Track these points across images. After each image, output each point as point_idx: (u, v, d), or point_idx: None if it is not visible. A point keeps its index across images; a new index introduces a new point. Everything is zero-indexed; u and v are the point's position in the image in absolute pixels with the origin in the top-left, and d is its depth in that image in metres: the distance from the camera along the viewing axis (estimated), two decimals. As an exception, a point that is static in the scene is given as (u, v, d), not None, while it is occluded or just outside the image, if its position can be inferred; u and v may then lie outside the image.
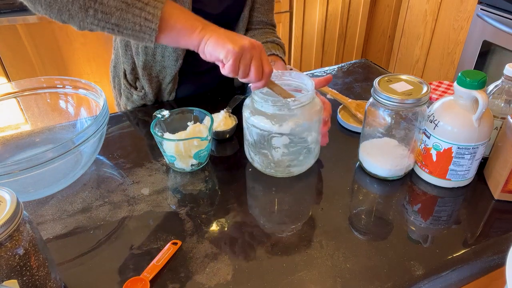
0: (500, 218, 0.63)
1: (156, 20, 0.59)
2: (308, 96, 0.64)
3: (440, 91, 0.89)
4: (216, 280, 0.54)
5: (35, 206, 0.67)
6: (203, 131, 0.73)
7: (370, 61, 1.14)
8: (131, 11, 0.58)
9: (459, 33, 1.96)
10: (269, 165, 0.70)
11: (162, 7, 0.59)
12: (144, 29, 0.60)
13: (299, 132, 0.66)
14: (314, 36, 2.32)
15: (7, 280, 0.42)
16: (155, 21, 0.59)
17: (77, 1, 0.57)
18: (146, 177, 0.72)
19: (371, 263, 0.55)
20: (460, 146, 0.62)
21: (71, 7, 0.57)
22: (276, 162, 0.69)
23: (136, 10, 0.58)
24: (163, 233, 0.61)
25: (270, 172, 0.71)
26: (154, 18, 0.59)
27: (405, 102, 0.62)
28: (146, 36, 0.61)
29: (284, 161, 0.68)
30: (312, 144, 0.69)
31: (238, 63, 0.60)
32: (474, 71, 0.60)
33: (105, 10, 0.58)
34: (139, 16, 0.58)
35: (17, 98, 0.77)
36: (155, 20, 0.59)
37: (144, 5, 0.58)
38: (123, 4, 0.58)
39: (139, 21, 0.59)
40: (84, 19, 0.58)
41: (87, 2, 0.57)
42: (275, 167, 0.70)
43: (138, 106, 0.96)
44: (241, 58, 0.60)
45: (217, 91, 0.99)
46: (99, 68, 1.90)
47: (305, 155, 0.69)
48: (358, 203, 0.66)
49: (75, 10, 0.57)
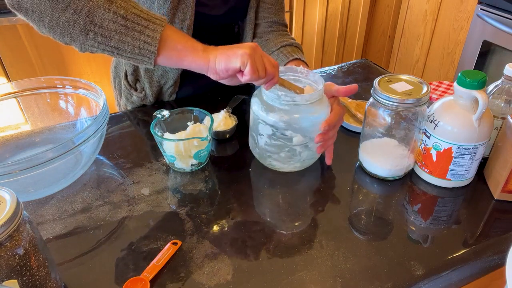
0: (500, 218, 0.63)
1: (155, 43, 0.59)
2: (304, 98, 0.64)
3: (440, 91, 0.89)
4: (216, 280, 0.54)
5: (35, 206, 0.67)
6: (203, 131, 0.73)
7: (370, 61, 1.14)
8: (131, 34, 0.59)
9: (459, 33, 1.96)
10: (254, 149, 0.72)
11: (161, 30, 0.60)
12: (143, 52, 0.60)
13: (281, 128, 0.66)
14: (314, 36, 2.32)
15: (7, 280, 0.42)
16: (154, 44, 0.59)
17: (77, 25, 0.57)
18: (146, 177, 0.72)
19: (371, 263, 0.55)
20: (460, 146, 0.62)
21: (72, 30, 0.58)
22: (260, 148, 0.70)
23: (135, 33, 0.59)
24: (163, 233, 0.61)
25: (255, 155, 0.73)
26: (153, 41, 0.59)
27: (405, 102, 0.62)
28: (145, 59, 0.61)
29: (264, 150, 0.69)
30: (298, 147, 0.68)
31: (255, 63, 0.60)
32: (474, 71, 0.60)
33: (105, 34, 0.58)
34: (138, 39, 0.59)
35: (17, 98, 0.77)
36: (154, 43, 0.59)
37: (144, 28, 0.59)
38: (123, 27, 0.58)
39: (138, 44, 0.60)
40: (84, 42, 0.59)
41: (87, 26, 0.57)
42: (258, 152, 0.71)
43: (138, 106, 0.96)
44: (254, 58, 0.60)
45: (217, 91, 0.99)
46: (99, 68, 1.90)
47: (287, 154, 0.69)
48: (358, 203, 0.66)
49: (76, 33, 0.58)
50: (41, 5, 0.56)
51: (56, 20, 0.57)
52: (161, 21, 0.61)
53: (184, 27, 0.80)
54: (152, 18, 0.60)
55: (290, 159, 0.70)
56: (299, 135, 0.66)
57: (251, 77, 0.60)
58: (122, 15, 0.58)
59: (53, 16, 0.57)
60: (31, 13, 0.57)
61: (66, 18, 0.57)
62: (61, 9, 0.56)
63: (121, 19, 0.58)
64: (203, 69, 0.63)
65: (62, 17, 0.57)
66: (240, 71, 0.61)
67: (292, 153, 0.69)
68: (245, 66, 0.60)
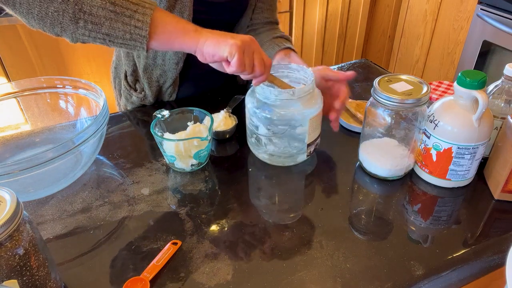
0: (500, 218, 0.63)
1: (146, 26, 0.59)
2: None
3: (440, 91, 0.89)
4: (216, 280, 0.54)
5: (35, 206, 0.67)
6: (203, 131, 0.73)
7: (370, 61, 1.14)
8: (121, 19, 0.58)
9: (459, 33, 1.96)
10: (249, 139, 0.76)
11: (151, 14, 0.59)
12: (135, 36, 0.60)
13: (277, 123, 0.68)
14: (314, 36, 2.32)
15: (7, 280, 0.42)
16: (145, 28, 0.59)
17: (67, 14, 0.57)
18: (146, 177, 0.72)
19: (371, 263, 0.55)
20: (460, 146, 0.62)
21: (62, 20, 0.57)
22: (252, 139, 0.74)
23: (125, 19, 0.58)
24: (163, 233, 0.61)
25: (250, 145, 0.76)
26: (144, 25, 0.59)
27: (405, 102, 0.62)
28: (137, 44, 0.61)
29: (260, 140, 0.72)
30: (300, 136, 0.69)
31: (243, 57, 0.60)
32: (474, 71, 0.60)
33: (95, 21, 0.58)
34: (129, 24, 0.59)
35: (17, 98, 0.77)
36: (144, 27, 0.59)
37: (133, 13, 0.58)
38: (112, 13, 0.58)
39: (129, 29, 0.59)
40: (75, 31, 0.59)
41: (76, 14, 0.57)
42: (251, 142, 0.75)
43: (138, 106, 0.96)
44: (244, 52, 0.60)
45: (217, 91, 0.99)
46: (99, 68, 1.90)
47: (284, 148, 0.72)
48: (358, 203, 0.66)
49: (66, 22, 0.58)
50: None
51: (45, 11, 0.56)
52: (150, 4, 0.60)
53: None
54: (141, 1, 0.59)
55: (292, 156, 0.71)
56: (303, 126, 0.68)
57: (236, 69, 0.60)
58: (111, 1, 0.57)
59: (41, 6, 0.56)
60: (19, 6, 0.57)
61: (54, 8, 0.56)
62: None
63: (110, 5, 0.57)
64: (192, 50, 0.63)
65: (50, 7, 0.56)
66: (227, 61, 0.61)
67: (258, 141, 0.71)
68: (232, 57, 0.59)
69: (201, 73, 0.96)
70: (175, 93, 0.95)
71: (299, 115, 0.66)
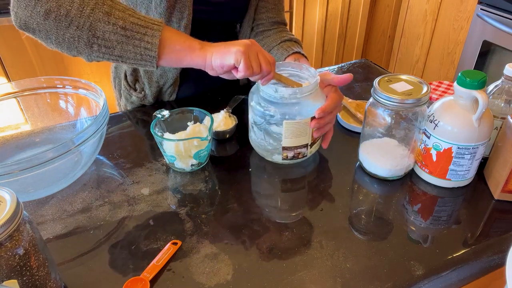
0: (500, 218, 0.63)
1: (155, 48, 0.62)
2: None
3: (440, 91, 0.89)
4: (216, 280, 0.54)
5: (35, 206, 0.67)
6: (203, 131, 0.73)
7: (370, 61, 1.14)
8: (131, 42, 0.62)
9: (459, 33, 1.96)
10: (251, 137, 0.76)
11: (159, 35, 0.62)
12: (145, 57, 0.63)
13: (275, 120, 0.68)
14: (314, 36, 2.32)
15: (7, 280, 0.42)
16: (154, 49, 0.62)
17: (82, 40, 0.60)
18: (146, 177, 0.72)
19: (371, 263, 0.55)
20: (460, 146, 0.62)
21: (78, 45, 0.61)
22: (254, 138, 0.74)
23: (135, 41, 0.62)
24: (163, 233, 0.61)
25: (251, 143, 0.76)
26: (153, 47, 0.62)
27: (405, 102, 0.62)
28: (148, 63, 0.64)
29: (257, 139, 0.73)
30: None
31: (249, 60, 0.62)
32: (474, 71, 0.60)
33: (108, 45, 0.61)
34: (139, 46, 0.62)
35: (17, 98, 0.77)
36: (154, 48, 0.62)
37: (143, 36, 0.62)
38: (123, 37, 0.61)
39: (140, 51, 0.62)
40: (90, 54, 0.63)
41: (90, 39, 0.61)
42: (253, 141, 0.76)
43: (138, 106, 0.96)
44: (249, 55, 0.62)
45: (217, 91, 0.99)
46: (99, 68, 1.90)
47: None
48: (358, 203, 0.66)
49: (82, 46, 0.61)
50: (46, 25, 0.59)
51: (62, 37, 0.60)
52: (158, 25, 0.63)
53: (181, 26, 0.80)
54: (150, 24, 0.62)
55: None
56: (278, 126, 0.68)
57: (245, 73, 0.62)
58: (121, 26, 0.61)
59: (58, 34, 0.60)
60: (38, 33, 0.61)
61: (70, 34, 0.60)
62: (64, 27, 0.59)
63: (121, 30, 0.61)
64: (201, 66, 0.66)
65: (66, 33, 0.60)
66: (235, 68, 0.63)
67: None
68: (239, 63, 0.62)
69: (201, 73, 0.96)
70: (175, 93, 0.95)
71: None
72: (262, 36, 0.94)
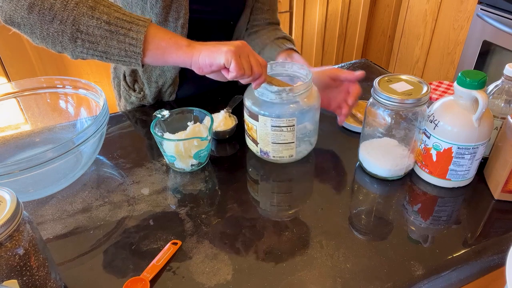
0: (500, 218, 0.63)
1: (139, 44, 0.61)
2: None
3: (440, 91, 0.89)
4: (216, 280, 0.54)
5: (35, 206, 0.67)
6: (203, 131, 0.73)
7: (370, 61, 1.14)
8: (116, 38, 0.61)
9: (459, 33, 1.96)
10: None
11: (144, 31, 0.61)
12: (130, 53, 0.62)
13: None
14: (314, 36, 2.32)
15: (7, 280, 0.42)
16: (139, 45, 0.61)
17: (65, 34, 0.60)
18: (146, 177, 0.72)
19: (371, 263, 0.55)
20: (460, 146, 0.62)
21: (62, 39, 0.61)
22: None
23: (120, 37, 0.61)
24: (163, 233, 0.61)
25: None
26: (138, 43, 0.61)
27: (405, 102, 0.62)
28: (132, 60, 0.63)
29: None
30: None
31: (241, 61, 0.61)
32: (474, 71, 0.60)
33: (91, 40, 0.61)
34: (124, 42, 0.61)
35: (17, 98, 0.77)
36: (138, 44, 0.61)
37: (127, 31, 0.61)
38: (107, 32, 0.60)
39: (124, 47, 0.61)
40: (74, 49, 0.62)
41: (74, 34, 0.60)
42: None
43: (138, 106, 0.96)
44: (240, 56, 0.61)
45: (217, 91, 0.99)
46: (99, 68, 1.90)
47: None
48: (358, 203, 0.66)
49: (66, 41, 0.61)
50: (30, 19, 0.59)
51: (46, 32, 0.60)
52: (144, 21, 0.62)
53: (178, 26, 0.80)
54: (135, 20, 0.62)
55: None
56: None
57: (237, 74, 0.62)
58: (105, 20, 0.60)
59: (42, 28, 0.60)
60: (23, 27, 0.61)
61: (54, 29, 0.59)
62: (48, 21, 0.59)
63: (105, 24, 0.60)
64: (187, 64, 0.64)
65: (50, 28, 0.59)
66: (225, 68, 0.62)
67: None
68: (229, 64, 0.61)
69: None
70: (175, 93, 0.95)
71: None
72: (255, 35, 0.95)
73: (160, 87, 0.92)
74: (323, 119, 0.88)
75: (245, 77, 0.63)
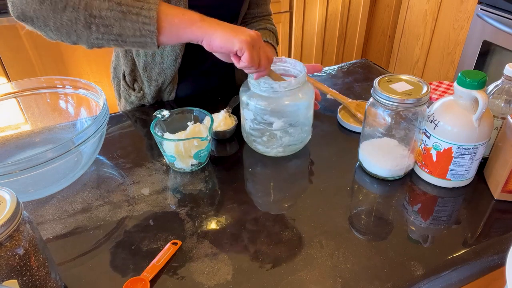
0: (500, 218, 0.63)
1: (153, 22, 0.61)
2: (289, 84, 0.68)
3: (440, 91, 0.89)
4: (216, 280, 0.54)
5: (35, 206, 0.67)
6: (203, 131, 0.73)
7: (370, 61, 1.14)
8: (129, 18, 0.60)
9: (459, 33, 1.96)
10: (243, 133, 0.79)
11: (156, 8, 0.61)
12: (144, 32, 0.62)
13: (261, 113, 0.70)
14: (314, 36, 2.32)
15: (7, 280, 0.42)
16: (153, 23, 0.61)
17: (79, 21, 0.60)
18: (146, 177, 0.72)
19: (371, 263, 0.55)
20: (460, 146, 0.62)
21: (76, 27, 0.60)
22: (247, 132, 0.76)
23: (133, 17, 0.60)
24: (163, 233, 0.61)
25: (244, 138, 0.79)
26: (151, 21, 0.61)
27: (405, 102, 0.62)
28: (148, 40, 0.63)
29: (250, 133, 0.75)
30: (279, 132, 0.72)
31: (254, 53, 0.62)
32: (474, 71, 0.60)
33: (105, 23, 0.60)
34: (137, 21, 0.61)
35: (17, 98, 0.77)
36: (152, 22, 0.61)
37: (140, 10, 0.60)
38: (120, 13, 0.60)
39: (138, 27, 0.61)
40: (89, 35, 0.62)
41: (87, 19, 0.60)
42: (246, 137, 0.78)
43: (138, 106, 0.97)
44: (253, 48, 0.62)
45: (217, 91, 0.99)
46: (99, 68, 1.90)
47: (269, 139, 0.74)
48: (358, 203, 0.66)
49: (80, 29, 0.61)
50: (42, 10, 0.59)
51: (60, 21, 0.60)
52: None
53: None
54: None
55: (272, 143, 0.74)
56: (278, 120, 0.71)
57: (248, 65, 0.62)
58: (117, 1, 0.60)
59: (55, 18, 0.59)
60: (36, 20, 0.60)
61: (67, 17, 0.59)
62: (61, 9, 0.59)
63: (117, 6, 0.60)
64: (199, 40, 0.64)
65: (64, 17, 0.59)
66: (236, 56, 0.63)
67: (272, 136, 0.73)
68: (242, 53, 0.61)
69: (200, 71, 0.96)
70: (174, 91, 0.95)
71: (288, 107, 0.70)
72: (243, 24, 0.97)
73: (160, 86, 0.92)
74: (323, 119, 0.88)
75: (252, 69, 0.64)
